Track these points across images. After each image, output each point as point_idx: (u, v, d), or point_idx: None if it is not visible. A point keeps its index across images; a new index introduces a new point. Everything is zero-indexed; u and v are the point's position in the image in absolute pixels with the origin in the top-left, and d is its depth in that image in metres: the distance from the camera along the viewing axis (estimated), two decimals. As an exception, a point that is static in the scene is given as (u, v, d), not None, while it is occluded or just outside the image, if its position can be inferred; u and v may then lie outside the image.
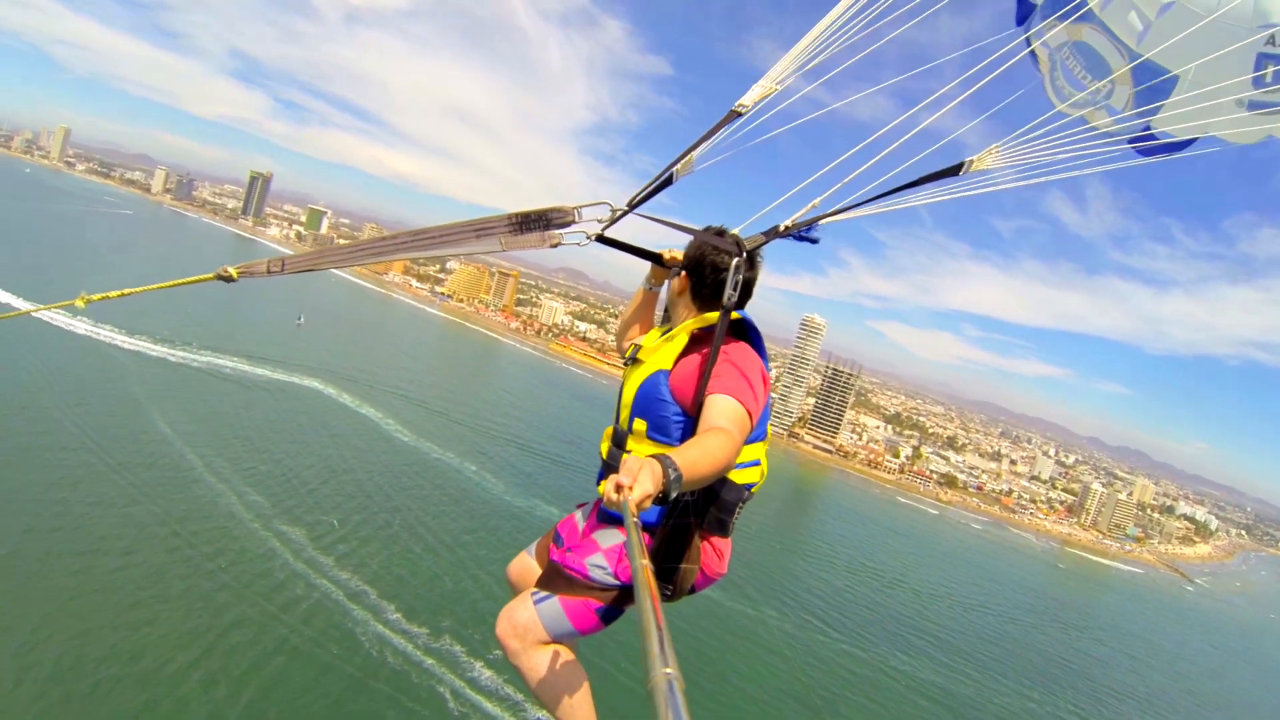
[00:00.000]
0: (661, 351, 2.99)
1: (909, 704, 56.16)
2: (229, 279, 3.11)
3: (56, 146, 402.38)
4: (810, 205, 3.28)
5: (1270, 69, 3.53)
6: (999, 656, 74.83)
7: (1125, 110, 4.18)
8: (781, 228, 3.24)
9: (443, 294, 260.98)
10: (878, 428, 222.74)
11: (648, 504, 1.86)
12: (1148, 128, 4.00)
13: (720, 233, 3.16)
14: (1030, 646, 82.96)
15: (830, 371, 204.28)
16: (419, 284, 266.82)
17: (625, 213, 3.19)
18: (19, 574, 37.07)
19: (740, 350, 2.92)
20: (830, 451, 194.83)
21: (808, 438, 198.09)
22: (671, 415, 2.87)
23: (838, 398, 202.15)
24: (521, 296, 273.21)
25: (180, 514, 47.87)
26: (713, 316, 2.93)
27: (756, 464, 2.97)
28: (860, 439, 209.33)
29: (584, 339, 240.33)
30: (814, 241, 3.30)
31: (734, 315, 2.94)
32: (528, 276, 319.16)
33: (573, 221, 3.08)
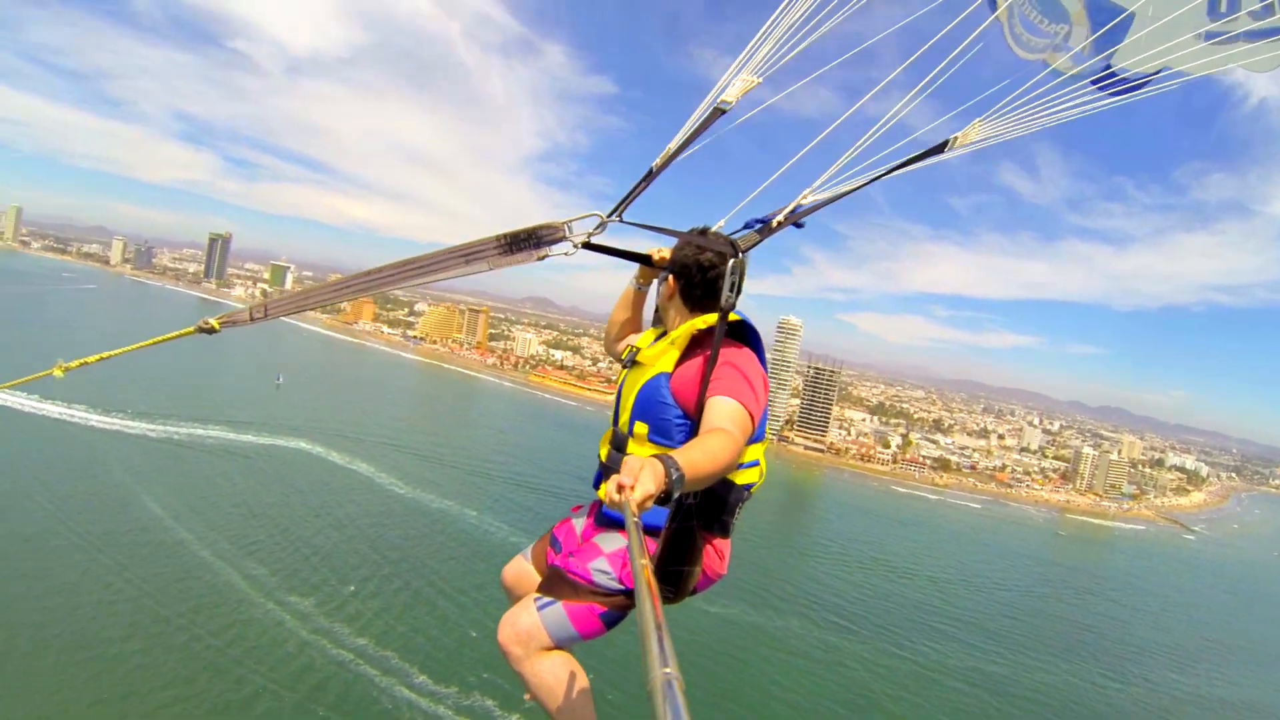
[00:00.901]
0: (662, 355, 2.98)
1: (947, 689, 56.87)
2: (211, 330, 3.12)
3: (10, 226, 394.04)
4: (801, 198, 3.26)
5: None
6: (1024, 631, 75.73)
7: (1084, 51, 4.18)
8: (774, 223, 3.23)
9: (415, 337, 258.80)
10: (864, 420, 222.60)
11: (649, 504, 1.86)
12: (1108, 66, 3.98)
13: (704, 232, 3.13)
14: (1052, 616, 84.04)
15: (812, 371, 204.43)
16: (390, 330, 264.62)
17: (612, 222, 3.11)
18: (33, 688, 35.12)
19: (740, 352, 2.90)
20: (822, 450, 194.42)
21: (798, 439, 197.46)
22: (674, 418, 2.88)
23: (822, 396, 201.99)
24: (493, 331, 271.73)
25: (189, 602, 46.08)
26: (713, 318, 2.90)
27: (756, 464, 2.97)
28: (849, 434, 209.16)
29: (561, 367, 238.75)
30: (800, 226, 3.33)
31: (732, 317, 2.92)
32: (497, 310, 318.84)
33: (564, 237, 3.02)
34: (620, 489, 1.79)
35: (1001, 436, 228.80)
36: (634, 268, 3.62)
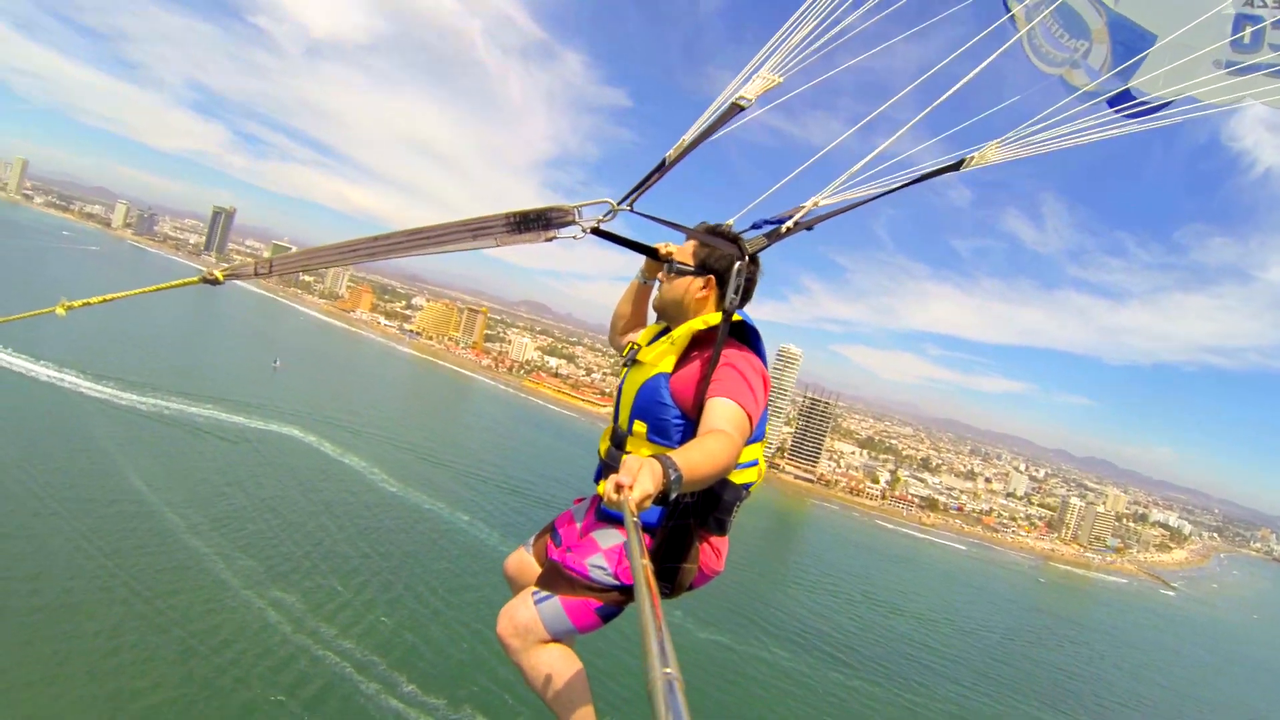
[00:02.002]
0: (662, 355, 2.99)
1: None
2: (215, 282, 3.15)
3: (14, 178, 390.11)
4: (813, 202, 3.26)
5: (1248, 30, 3.50)
6: (1011, 675, 76.10)
7: (1102, 69, 4.17)
8: (784, 229, 3.23)
9: (412, 331, 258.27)
10: (853, 453, 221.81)
11: (648, 504, 1.89)
12: (1125, 88, 3.97)
13: (735, 239, 3.12)
14: (1037, 662, 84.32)
15: (808, 401, 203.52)
16: (387, 321, 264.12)
17: (624, 210, 3.05)
18: (22, 682, 33.38)
19: (740, 353, 2.91)
20: (812, 481, 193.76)
21: (789, 468, 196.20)
22: (672, 419, 2.90)
23: (816, 427, 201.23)
24: (489, 332, 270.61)
25: (181, 596, 44.14)
26: (714, 318, 2.95)
27: (754, 464, 3.00)
28: (839, 466, 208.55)
29: (556, 375, 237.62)
30: (809, 228, 3.31)
31: (734, 318, 2.94)
32: (494, 312, 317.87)
33: (573, 221, 2.98)
34: (619, 488, 1.82)
35: (989, 480, 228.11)
36: (637, 264, 3.61)
